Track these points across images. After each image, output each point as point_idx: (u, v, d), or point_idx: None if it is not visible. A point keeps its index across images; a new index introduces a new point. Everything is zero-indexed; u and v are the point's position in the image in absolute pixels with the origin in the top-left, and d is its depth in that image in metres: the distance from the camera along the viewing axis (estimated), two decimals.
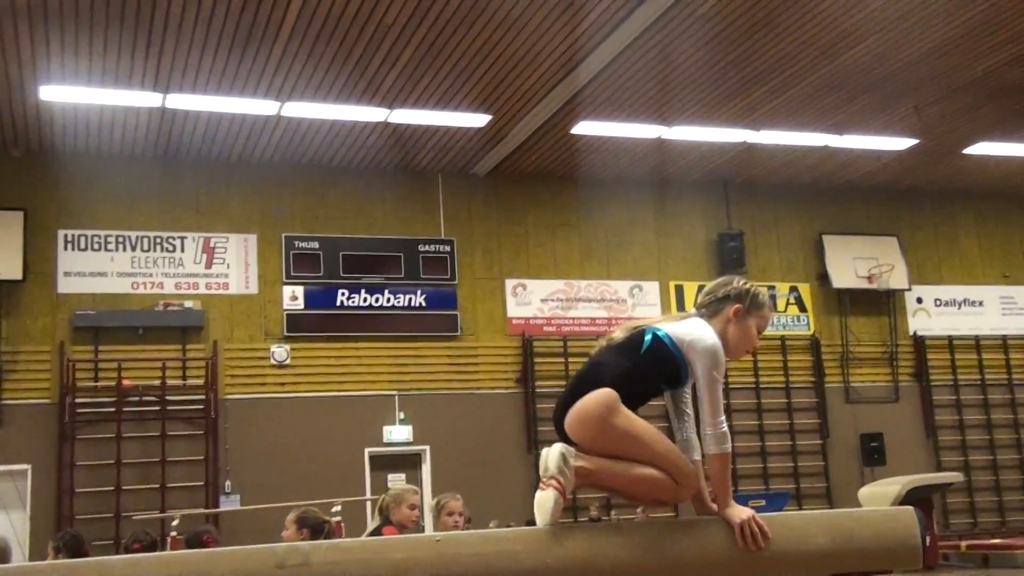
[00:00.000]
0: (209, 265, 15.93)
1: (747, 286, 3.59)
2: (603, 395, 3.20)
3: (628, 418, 3.22)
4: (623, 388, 3.25)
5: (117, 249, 15.56)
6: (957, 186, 19.29)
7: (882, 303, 19.01)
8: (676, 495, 3.29)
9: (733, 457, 14.59)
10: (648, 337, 3.39)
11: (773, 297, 3.64)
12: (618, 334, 3.49)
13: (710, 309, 3.55)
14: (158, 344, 15.33)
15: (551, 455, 3.21)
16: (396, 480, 15.53)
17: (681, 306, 18.20)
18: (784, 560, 3.27)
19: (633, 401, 3.32)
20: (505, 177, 17.41)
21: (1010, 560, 14.42)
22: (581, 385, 3.29)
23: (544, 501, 3.11)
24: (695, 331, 3.40)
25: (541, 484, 3.20)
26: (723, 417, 3.30)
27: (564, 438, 3.33)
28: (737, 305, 3.52)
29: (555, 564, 3.03)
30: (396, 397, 16.23)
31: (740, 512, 3.23)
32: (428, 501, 7.28)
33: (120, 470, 14.61)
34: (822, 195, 18.97)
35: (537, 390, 16.88)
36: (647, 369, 3.35)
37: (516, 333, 17.18)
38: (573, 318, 17.53)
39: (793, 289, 18.77)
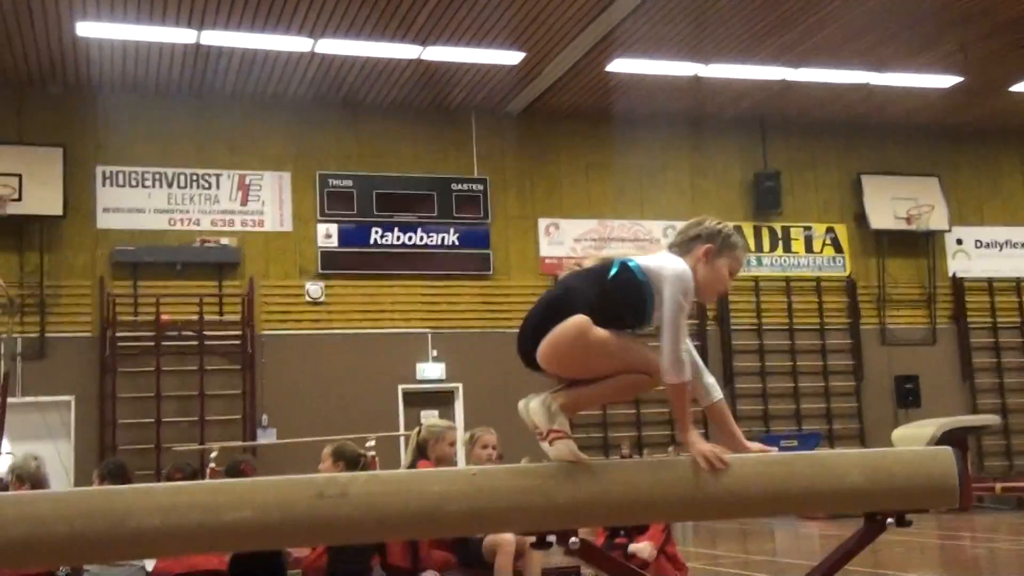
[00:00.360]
0: (244, 202, 16.02)
1: (719, 226, 3.52)
2: (574, 325, 3.13)
3: (599, 341, 3.16)
4: (593, 315, 3.19)
5: (154, 186, 15.68)
6: (1001, 125, 18.88)
7: (921, 245, 18.77)
8: (652, 385, 3.28)
9: (767, 396, 14.51)
10: (615, 266, 3.33)
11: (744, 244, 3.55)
12: (587, 262, 3.44)
13: (681, 248, 3.47)
14: (195, 280, 15.51)
15: (536, 411, 3.17)
16: (429, 416, 15.70)
17: None
18: (820, 498, 3.28)
19: (603, 326, 3.26)
20: (539, 116, 17.25)
21: None
22: (549, 312, 3.23)
23: (563, 454, 3.10)
24: (663, 260, 3.34)
25: (542, 438, 3.18)
26: (684, 345, 3.23)
27: (530, 362, 3.29)
28: (708, 245, 3.45)
29: (586, 499, 3.06)
30: (429, 335, 16.34)
31: (700, 444, 3.24)
32: (461, 437, 7.35)
33: (160, 403, 14.90)
34: (861, 134, 18.65)
35: None
36: (614, 296, 3.26)
37: (549, 272, 17.15)
38: None
39: (830, 230, 18.57)
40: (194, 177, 15.88)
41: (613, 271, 3.31)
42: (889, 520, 3.31)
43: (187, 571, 5.46)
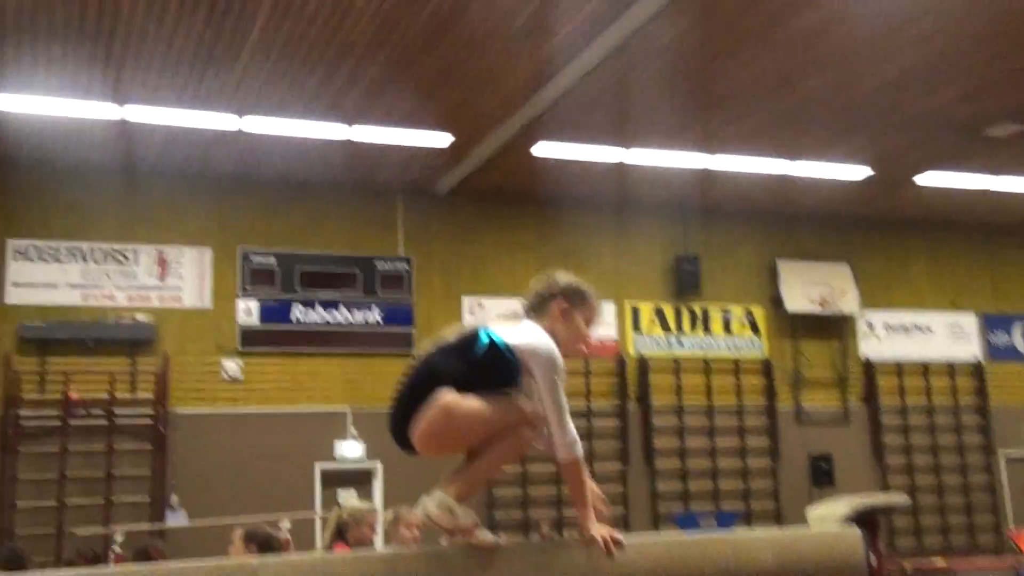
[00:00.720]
0: (163, 277, 15.77)
1: (568, 281, 3.54)
2: (443, 405, 3.14)
3: (470, 412, 3.15)
4: (461, 389, 3.20)
5: (69, 260, 15.35)
6: (908, 215, 19.68)
7: (833, 327, 19.30)
8: (535, 437, 3.26)
9: (686, 476, 14.60)
10: (484, 339, 3.28)
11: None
12: (447, 334, 3.40)
13: (537, 312, 3.47)
14: (107, 357, 15.12)
15: (435, 514, 3.14)
16: (347, 495, 15.42)
17: (638, 326, 18.33)
18: None
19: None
20: (465, 196, 17.44)
21: None
22: (415, 394, 3.24)
23: (483, 545, 3.07)
24: (530, 337, 3.30)
25: (451, 538, 3.13)
26: (569, 421, 3.23)
27: (404, 444, 3.31)
28: (562, 303, 3.46)
29: None
30: (349, 413, 16.13)
31: (595, 527, 3.24)
32: (382, 517, 7.24)
33: (64, 485, 14.34)
34: (778, 221, 19.25)
35: None
36: (483, 372, 3.23)
37: None
38: None
39: (747, 312, 19.00)
40: (111, 252, 15.60)
41: (480, 347, 3.26)
42: None
43: None
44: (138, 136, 14.53)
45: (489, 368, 3.23)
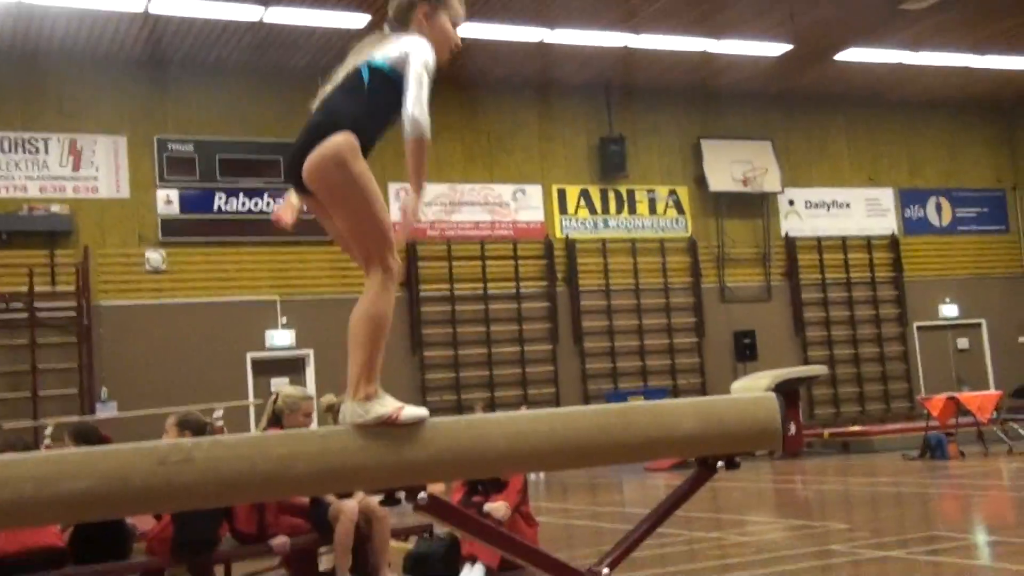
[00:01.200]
0: (77, 167, 15.27)
1: None
2: (342, 140, 3.13)
3: (363, 168, 3.18)
4: (360, 131, 3.19)
5: None
6: (828, 92, 19.88)
7: (756, 206, 19.63)
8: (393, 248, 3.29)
9: (615, 355, 14.88)
10: (365, 72, 3.27)
11: None
12: (337, 76, 3.38)
13: (401, 21, 3.46)
14: (24, 249, 14.72)
15: (354, 413, 3.09)
16: (280, 384, 15.48)
17: (564, 209, 18.41)
18: (655, 445, 3.43)
19: (371, 139, 3.29)
20: None
21: (867, 446, 15.43)
22: (316, 132, 3.19)
23: (415, 417, 3.08)
24: (403, 45, 3.32)
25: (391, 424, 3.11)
26: (424, 101, 3.24)
27: (299, 187, 3.28)
28: (424, 6, 3.44)
29: (434, 453, 3.11)
30: (278, 302, 16.06)
31: (419, 208, 3.31)
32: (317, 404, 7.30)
33: None
34: (700, 100, 19.29)
35: (421, 293, 16.96)
36: (376, 104, 3.25)
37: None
38: (457, 222, 17.55)
39: (672, 193, 19.18)
40: (19, 141, 15.02)
41: (366, 78, 3.27)
42: (720, 463, 3.50)
43: (22, 549, 5.25)
44: (40, 17, 13.83)
45: (380, 95, 3.25)
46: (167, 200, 15.68)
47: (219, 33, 14.73)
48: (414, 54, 3.28)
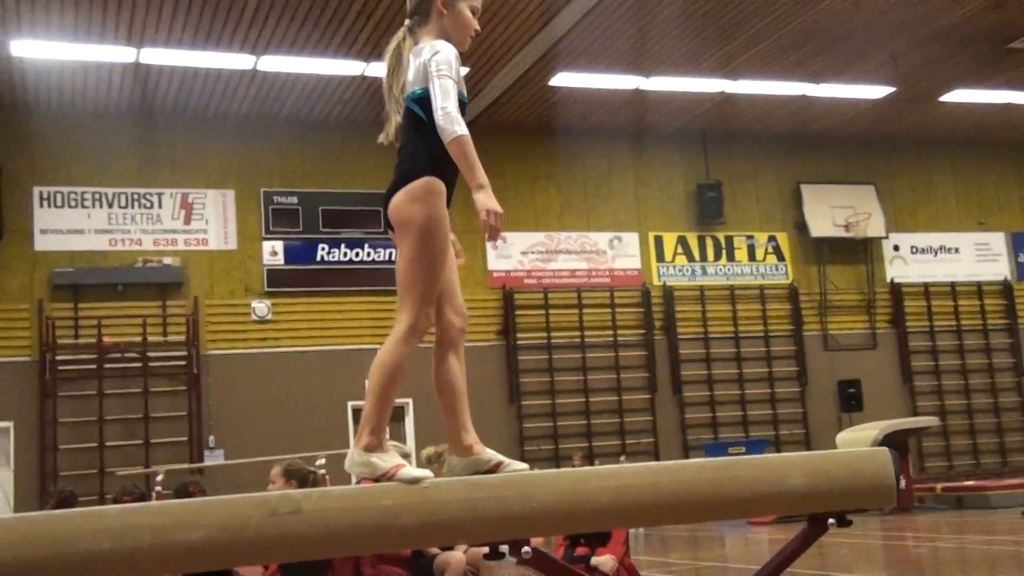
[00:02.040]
0: (188, 221, 15.87)
1: None
2: (422, 182, 3.21)
3: (435, 214, 3.22)
4: (440, 169, 3.23)
5: (94, 206, 15.47)
6: (933, 134, 19.40)
7: (859, 251, 19.18)
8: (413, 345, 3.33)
9: (714, 404, 14.60)
10: (415, 108, 3.30)
11: None
12: (395, 116, 3.43)
13: (421, 16, 3.42)
14: (138, 301, 15.32)
15: (360, 465, 3.15)
16: None
17: (661, 256, 18.30)
18: (762, 501, 3.36)
19: (454, 171, 3.31)
20: (484, 130, 17.27)
21: (983, 501, 14.75)
22: (403, 178, 3.26)
23: (411, 478, 3.03)
24: (424, 55, 3.29)
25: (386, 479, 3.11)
26: (453, 104, 3.23)
27: (389, 225, 3.31)
28: None
29: (538, 508, 3.10)
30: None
31: (490, 201, 3.26)
32: (412, 452, 7.36)
33: (103, 426, 14.66)
34: (799, 145, 19.04)
35: (519, 342, 17.00)
36: (432, 128, 3.24)
37: (497, 286, 17.25)
38: (553, 270, 17.60)
39: (771, 239, 18.90)
40: (135, 196, 15.70)
41: (420, 113, 3.29)
42: (831, 520, 3.39)
43: None
44: (155, 78, 14.52)
45: (431, 120, 3.23)
46: (272, 251, 16.15)
47: (323, 88, 15.20)
48: (433, 62, 3.28)
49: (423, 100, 3.28)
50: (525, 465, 3.15)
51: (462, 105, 3.31)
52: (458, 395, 3.41)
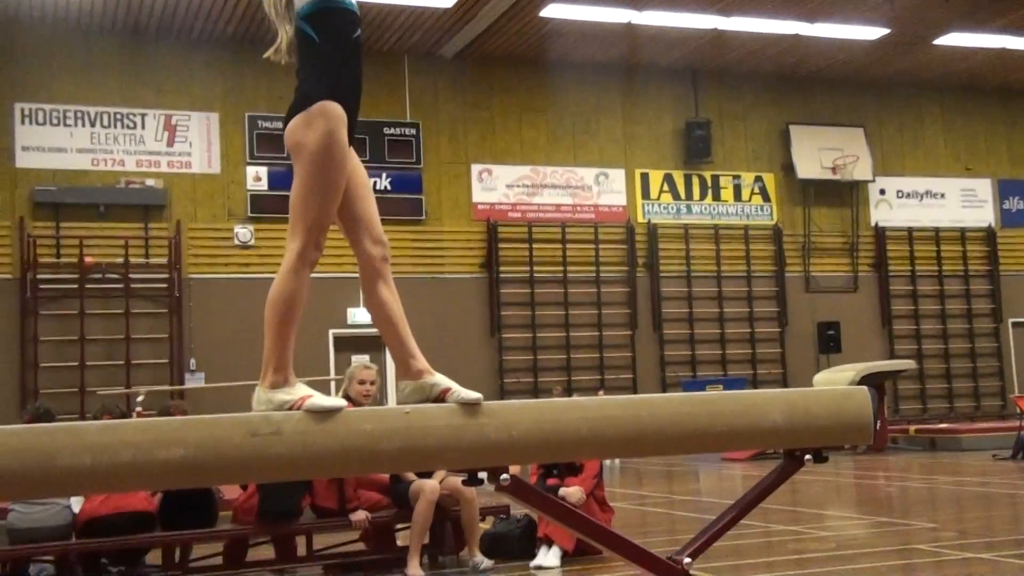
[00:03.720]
0: (171, 143, 15.68)
1: None
2: (316, 108, 3.00)
3: (330, 139, 3.02)
4: (328, 88, 3.02)
5: (76, 124, 15.24)
6: (925, 78, 19.29)
7: (845, 194, 19.19)
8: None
9: (694, 342, 14.66)
10: (304, 26, 3.09)
11: None
12: (284, 30, 3.19)
13: None
14: (120, 222, 15.20)
15: (262, 402, 3.04)
16: (359, 360, 15.71)
17: (647, 194, 18.25)
18: (741, 435, 3.39)
19: (355, 89, 3.14)
20: (472, 60, 17.12)
21: (955, 444, 14.99)
22: (294, 111, 3.06)
23: (320, 406, 2.93)
24: None
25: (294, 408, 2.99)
26: None
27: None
28: None
29: (519, 436, 3.12)
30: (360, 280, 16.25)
31: None
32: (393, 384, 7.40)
33: (84, 346, 14.65)
34: (790, 85, 18.91)
35: (501, 275, 17.01)
36: (334, 52, 3.07)
37: (481, 218, 17.20)
38: (538, 204, 17.54)
39: (758, 179, 18.87)
40: (118, 116, 15.47)
41: (312, 32, 3.07)
42: (808, 456, 3.43)
43: (114, 512, 5.44)
44: None
45: (327, 32, 3.07)
46: (256, 177, 16.00)
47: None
48: None
49: (313, 16, 3.08)
50: (477, 395, 3.11)
51: (352, 16, 3.12)
52: (396, 322, 3.30)
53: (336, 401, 3.02)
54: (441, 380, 3.21)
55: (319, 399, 2.98)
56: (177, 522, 5.68)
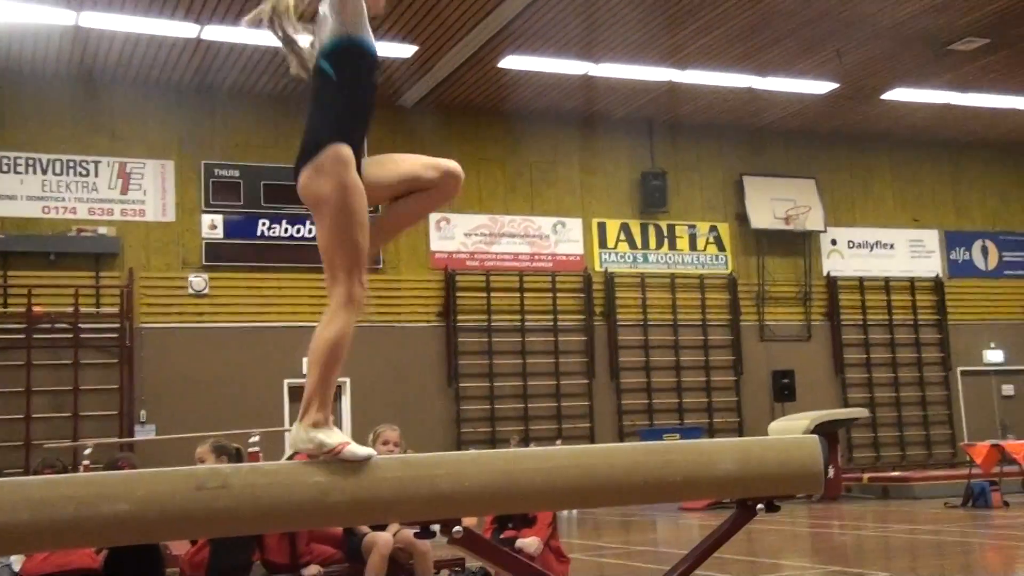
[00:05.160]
0: (125, 191, 15.54)
1: None
2: (330, 153, 3.01)
3: (350, 182, 3.04)
4: (345, 132, 3.05)
5: (27, 172, 15.06)
6: (873, 131, 19.75)
7: (798, 244, 19.48)
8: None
9: (651, 391, 14.65)
10: (324, 65, 3.09)
11: None
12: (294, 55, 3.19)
13: None
14: (71, 271, 14.97)
15: (302, 441, 3.03)
16: None
17: (604, 243, 18.38)
18: (693, 485, 3.39)
19: (362, 130, 3.17)
20: (431, 110, 17.23)
21: (908, 492, 15.12)
22: (305, 152, 3.06)
23: (358, 456, 2.94)
24: (325, 7, 3.08)
25: (328, 458, 2.97)
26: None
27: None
28: None
29: (472, 488, 3.09)
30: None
31: None
32: (350, 433, 7.30)
33: (30, 397, 14.33)
34: (744, 137, 19.25)
35: (459, 324, 16.97)
36: (346, 81, 3.08)
37: (439, 267, 17.19)
38: (496, 253, 17.59)
39: (713, 228, 19.10)
40: (71, 164, 15.32)
41: (328, 72, 3.08)
42: (760, 505, 3.44)
43: (57, 570, 5.29)
44: (94, 43, 14.15)
45: (346, 71, 3.07)
46: (211, 225, 15.89)
47: (268, 59, 14.96)
48: (335, 6, 3.07)
49: (335, 54, 3.09)
50: (371, 452, 3.02)
51: (372, 60, 3.16)
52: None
53: (369, 450, 3.01)
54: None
55: (356, 447, 2.97)
56: None
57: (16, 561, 5.48)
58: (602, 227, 18.37)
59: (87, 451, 11.12)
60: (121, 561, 5.53)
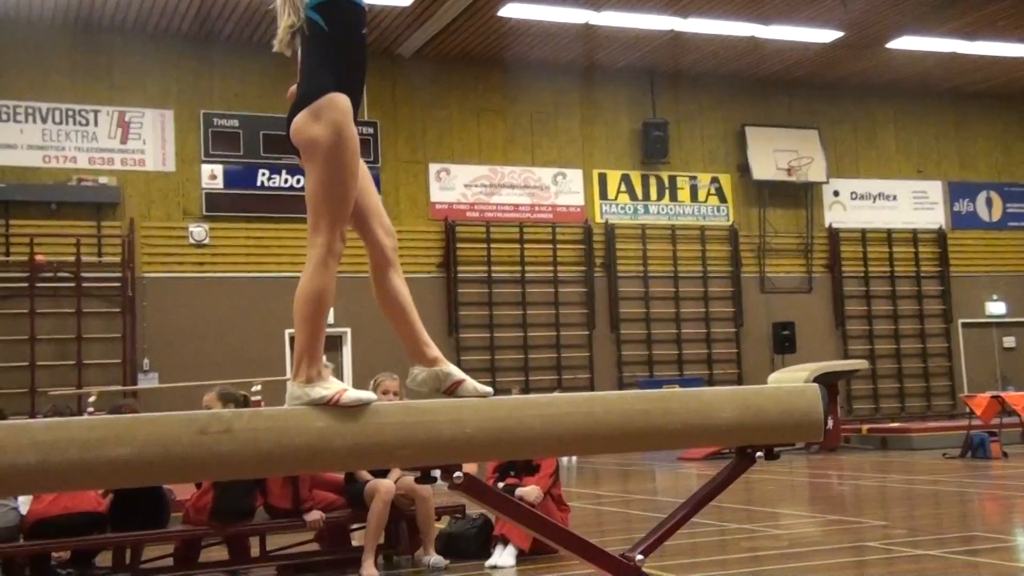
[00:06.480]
0: (125, 140, 15.46)
1: None
2: (325, 100, 2.98)
3: (345, 132, 3.03)
4: (334, 80, 3.00)
5: (27, 120, 14.98)
6: (878, 80, 19.57)
7: (800, 195, 19.41)
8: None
9: (651, 342, 14.71)
10: (314, 15, 3.04)
11: None
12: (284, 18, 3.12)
13: None
14: (72, 220, 14.96)
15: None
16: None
17: (604, 194, 18.32)
18: (693, 432, 3.41)
19: (359, 81, 3.15)
20: (430, 60, 17.07)
21: (906, 443, 15.22)
22: (302, 102, 3.03)
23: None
24: None
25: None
26: None
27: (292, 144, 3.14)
28: None
29: (473, 433, 3.11)
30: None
31: None
32: (350, 383, 7.34)
33: (34, 345, 14.39)
34: (746, 87, 19.08)
35: (459, 275, 16.98)
36: (343, 42, 3.06)
37: (439, 218, 17.16)
38: (496, 204, 17.54)
39: (714, 180, 19.02)
40: (70, 113, 15.22)
41: (321, 22, 3.02)
42: (759, 453, 3.46)
43: (64, 513, 5.35)
44: None
45: (338, 21, 3.04)
46: (211, 175, 15.83)
47: (267, 10, 14.78)
48: None
49: (324, 6, 3.05)
50: (488, 389, 3.14)
51: (361, 11, 3.11)
52: (408, 310, 3.33)
53: (369, 394, 3.03)
54: (454, 371, 3.23)
55: (353, 392, 2.99)
56: (128, 523, 5.59)
57: (24, 503, 5.55)
58: (603, 178, 18.30)
59: (92, 398, 11.20)
60: (126, 505, 5.59)
